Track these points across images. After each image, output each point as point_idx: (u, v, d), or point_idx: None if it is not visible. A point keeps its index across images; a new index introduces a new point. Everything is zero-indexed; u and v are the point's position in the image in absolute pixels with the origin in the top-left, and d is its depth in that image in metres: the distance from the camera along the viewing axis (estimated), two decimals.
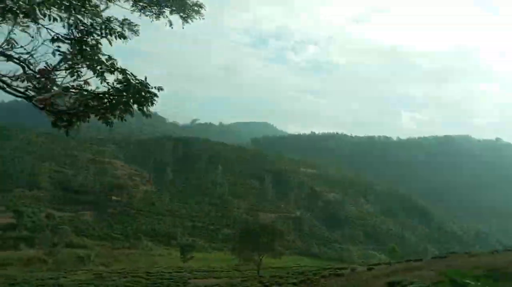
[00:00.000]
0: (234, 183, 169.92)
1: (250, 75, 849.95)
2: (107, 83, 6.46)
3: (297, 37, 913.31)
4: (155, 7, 9.57)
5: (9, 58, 6.34)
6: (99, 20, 6.97)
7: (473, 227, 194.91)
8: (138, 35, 8.68)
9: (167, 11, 9.82)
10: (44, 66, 6.37)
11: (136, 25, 8.57)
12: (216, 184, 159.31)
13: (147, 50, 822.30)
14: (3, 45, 6.31)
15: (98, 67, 6.54)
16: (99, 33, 6.83)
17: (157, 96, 6.44)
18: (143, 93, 6.30)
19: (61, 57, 6.46)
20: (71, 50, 6.53)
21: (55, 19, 6.25)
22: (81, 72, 6.61)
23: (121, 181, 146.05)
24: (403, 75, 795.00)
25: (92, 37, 6.73)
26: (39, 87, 6.28)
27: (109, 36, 6.92)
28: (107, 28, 6.94)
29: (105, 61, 6.54)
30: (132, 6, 9.28)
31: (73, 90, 6.41)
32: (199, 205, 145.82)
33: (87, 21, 6.72)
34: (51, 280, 58.61)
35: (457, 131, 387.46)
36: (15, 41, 6.31)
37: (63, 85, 6.40)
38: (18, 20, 6.16)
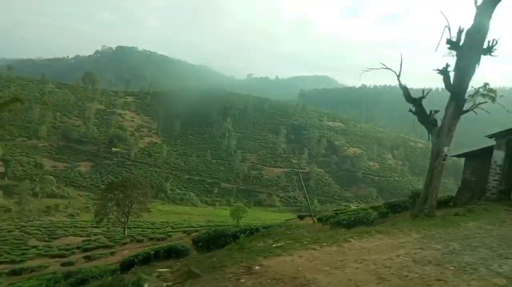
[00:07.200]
0: (247, 136, 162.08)
1: (317, 29, 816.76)
2: None
3: None
4: None
5: None
6: None
7: None
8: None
9: None
10: None
11: None
12: (224, 137, 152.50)
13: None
14: None
15: None
16: None
17: None
18: None
19: None
20: None
21: None
22: None
23: (126, 132, 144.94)
24: None
25: None
26: None
27: None
28: None
29: None
30: None
31: None
32: (201, 158, 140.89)
33: None
34: None
35: None
36: None
37: None
38: None
